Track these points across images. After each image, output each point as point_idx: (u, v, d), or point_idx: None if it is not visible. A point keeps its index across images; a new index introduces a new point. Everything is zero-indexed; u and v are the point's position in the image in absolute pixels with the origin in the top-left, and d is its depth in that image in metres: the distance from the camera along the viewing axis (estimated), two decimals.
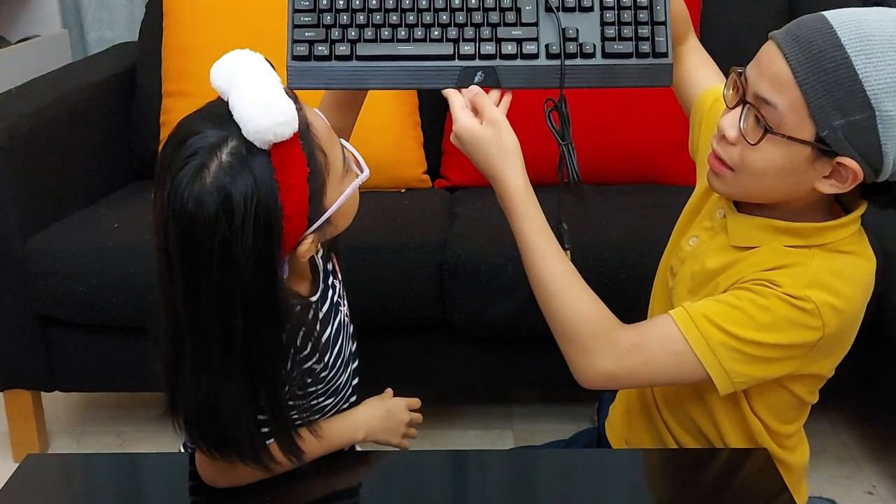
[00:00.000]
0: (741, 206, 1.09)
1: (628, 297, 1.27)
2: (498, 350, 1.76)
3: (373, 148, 2.00)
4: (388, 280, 1.66)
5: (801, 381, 1.08)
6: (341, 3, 1.05)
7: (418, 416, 1.25)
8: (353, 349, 1.18)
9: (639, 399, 1.23)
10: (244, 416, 0.94)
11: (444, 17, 1.04)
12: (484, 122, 1.04)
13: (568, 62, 1.00)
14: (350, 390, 1.18)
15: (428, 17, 1.03)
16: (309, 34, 1.04)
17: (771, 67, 0.97)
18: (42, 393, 1.92)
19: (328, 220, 0.96)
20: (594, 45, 1.02)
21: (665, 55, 1.04)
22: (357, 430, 1.15)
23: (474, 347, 1.75)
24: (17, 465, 1.11)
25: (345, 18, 1.04)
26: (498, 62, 0.99)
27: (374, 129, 2.01)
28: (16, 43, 2.53)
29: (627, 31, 1.03)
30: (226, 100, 0.91)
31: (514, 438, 1.95)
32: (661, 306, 1.19)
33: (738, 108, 1.00)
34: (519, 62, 0.99)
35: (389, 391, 1.25)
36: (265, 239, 0.87)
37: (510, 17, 1.03)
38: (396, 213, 1.86)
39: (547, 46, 1.00)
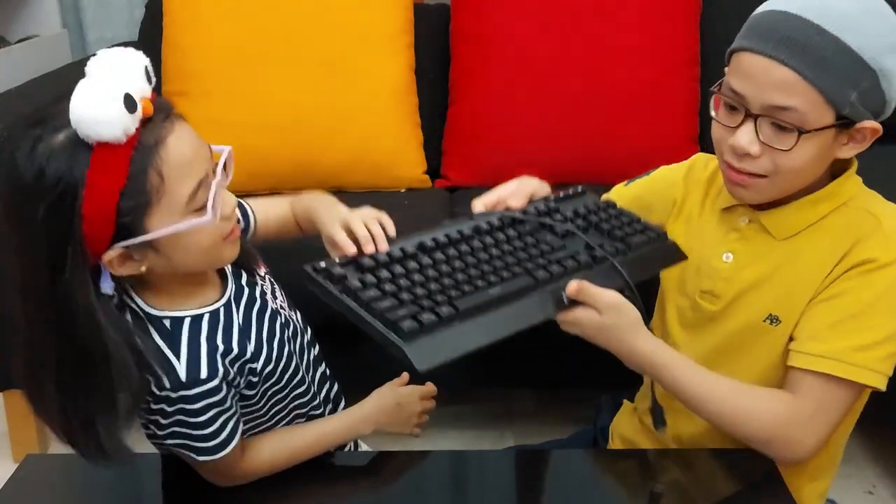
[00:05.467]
0: (761, 203, 1.10)
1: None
2: (497, 350, 1.76)
3: (373, 148, 2.01)
4: None
5: None
6: (400, 274, 0.99)
7: (430, 404, 1.24)
8: (313, 355, 1.17)
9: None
10: (52, 406, 0.98)
11: (502, 258, 1.04)
12: (603, 312, 1.00)
13: (616, 260, 1.05)
14: (323, 399, 1.18)
15: (486, 262, 1.03)
16: (402, 311, 0.92)
17: (772, 77, 0.99)
18: None
19: (155, 247, 0.94)
20: (620, 247, 1.07)
21: (665, 237, 1.13)
22: (363, 426, 1.16)
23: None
24: (17, 465, 1.11)
25: (419, 289, 0.96)
26: (568, 278, 1.01)
27: (375, 129, 2.01)
28: (15, 43, 2.53)
29: (629, 229, 1.11)
30: None
31: (514, 438, 1.95)
32: (688, 330, 1.18)
33: (748, 124, 1.01)
34: (583, 273, 1.02)
35: (405, 376, 1.22)
36: (56, 228, 0.88)
37: (544, 247, 1.06)
38: (396, 213, 1.86)
39: (592, 257, 1.05)
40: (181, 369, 0.98)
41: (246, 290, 1.10)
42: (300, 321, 1.17)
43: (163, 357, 0.97)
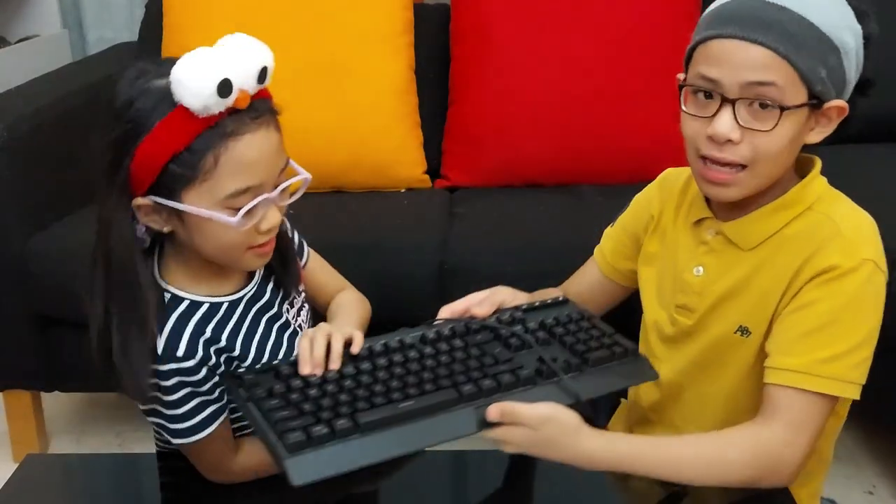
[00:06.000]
0: (719, 212, 1.11)
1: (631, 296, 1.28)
2: None
3: (373, 148, 2.01)
4: (388, 280, 1.66)
5: None
6: (313, 390, 0.96)
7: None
8: None
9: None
10: (103, 343, 1.00)
11: (433, 369, 1.00)
12: (534, 427, 0.95)
13: (567, 375, 1.00)
14: None
15: (414, 373, 0.99)
16: (295, 422, 0.90)
17: (749, 56, 0.98)
18: (42, 393, 1.92)
19: (181, 219, 0.99)
20: (576, 360, 1.02)
21: (636, 353, 1.06)
22: None
23: None
24: (17, 465, 1.11)
25: (326, 400, 0.94)
26: (502, 394, 0.96)
27: (374, 129, 2.01)
28: (15, 43, 2.54)
29: (594, 343, 1.05)
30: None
31: None
32: (667, 344, 1.18)
33: (726, 110, 1.00)
34: (520, 390, 0.98)
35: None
36: (115, 155, 0.96)
37: (487, 359, 1.02)
38: (396, 213, 1.86)
39: (538, 371, 1.00)
40: (160, 343, 1.00)
41: (266, 296, 1.11)
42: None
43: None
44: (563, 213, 1.84)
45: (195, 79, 0.92)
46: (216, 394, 1.05)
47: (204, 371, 1.03)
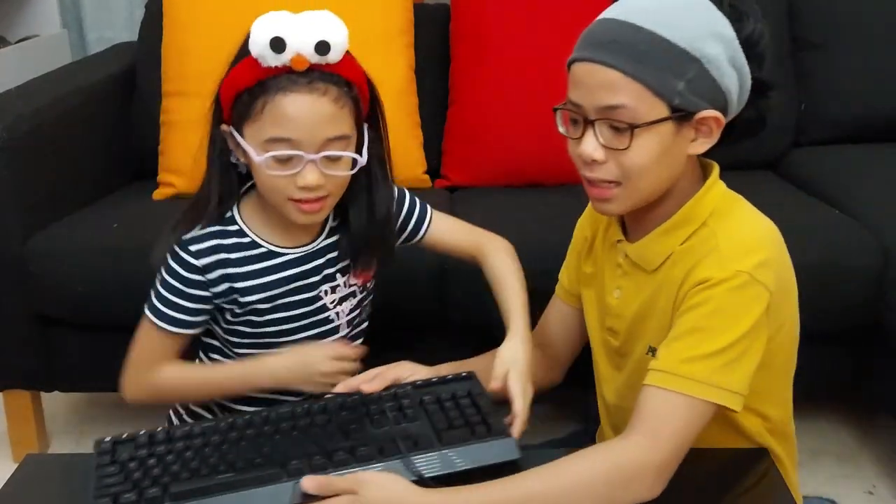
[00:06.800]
0: (631, 233, 1.13)
1: None
2: None
3: None
4: (389, 281, 1.66)
5: (775, 349, 1.07)
6: (144, 453, 1.02)
7: (344, 366, 1.22)
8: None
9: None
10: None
11: (266, 440, 1.03)
12: (358, 491, 0.93)
13: (410, 455, 0.99)
14: None
15: (248, 444, 1.02)
16: (114, 489, 0.96)
17: (598, 79, 1.01)
18: (42, 393, 1.93)
19: (246, 155, 1.14)
20: (430, 437, 1.02)
21: (502, 433, 1.03)
22: (259, 377, 1.23)
23: (474, 347, 1.75)
24: (17, 465, 1.11)
25: (156, 469, 0.99)
26: (331, 471, 0.96)
27: None
28: (15, 43, 2.54)
29: (459, 421, 1.04)
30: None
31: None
32: (612, 364, 1.20)
33: (589, 131, 1.03)
34: (354, 467, 0.97)
35: (337, 343, 1.27)
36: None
37: (337, 436, 1.02)
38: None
39: (381, 448, 0.99)
40: (193, 233, 1.18)
41: (313, 264, 1.23)
42: (346, 325, 1.29)
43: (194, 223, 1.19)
44: (563, 212, 1.84)
45: (257, 31, 1.08)
46: (193, 312, 1.20)
47: (199, 285, 1.18)
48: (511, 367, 1.11)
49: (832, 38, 2.16)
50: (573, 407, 1.95)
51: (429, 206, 1.35)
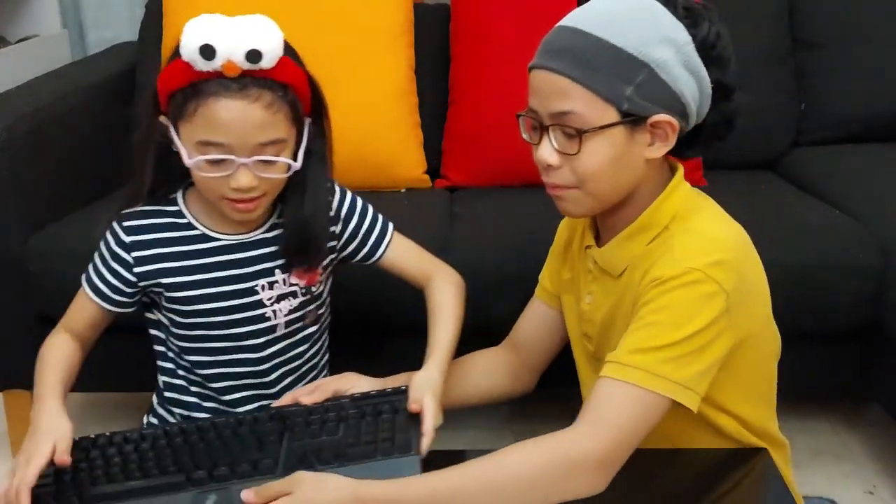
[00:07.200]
0: (602, 238, 1.14)
1: None
2: None
3: (373, 148, 2.01)
4: (388, 280, 1.66)
5: (747, 352, 1.07)
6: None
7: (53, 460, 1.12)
8: (275, 349, 1.28)
9: None
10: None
11: (185, 449, 1.06)
12: (292, 490, 0.94)
13: (322, 468, 0.99)
14: (281, 389, 1.28)
15: (169, 455, 1.05)
16: (40, 489, 1.04)
17: (548, 87, 1.03)
18: None
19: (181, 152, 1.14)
20: (336, 453, 1.02)
21: (408, 450, 1.03)
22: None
23: (474, 347, 1.75)
24: None
25: (83, 473, 1.06)
26: (233, 483, 0.98)
27: (374, 129, 2.01)
28: (15, 43, 2.53)
29: (368, 437, 1.04)
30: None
31: (514, 437, 1.95)
32: (591, 368, 1.20)
33: (545, 137, 1.05)
34: (256, 478, 0.98)
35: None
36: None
37: (251, 448, 1.04)
38: (396, 213, 1.85)
39: (284, 462, 1.01)
40: (126, 211, 1.23)
41: (248, 254, 1.23)
42: (284, 326, 1.26)
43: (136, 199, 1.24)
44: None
45: (187, 37, 1.07)
46: (113, 289, 1.24)
47: (122, 262, 1.22)
48: (426, 391, 1.11)
49: (832, 38, 2.17)
50: (574, 406, 1.95)
51: (391, 226, 1.35)
